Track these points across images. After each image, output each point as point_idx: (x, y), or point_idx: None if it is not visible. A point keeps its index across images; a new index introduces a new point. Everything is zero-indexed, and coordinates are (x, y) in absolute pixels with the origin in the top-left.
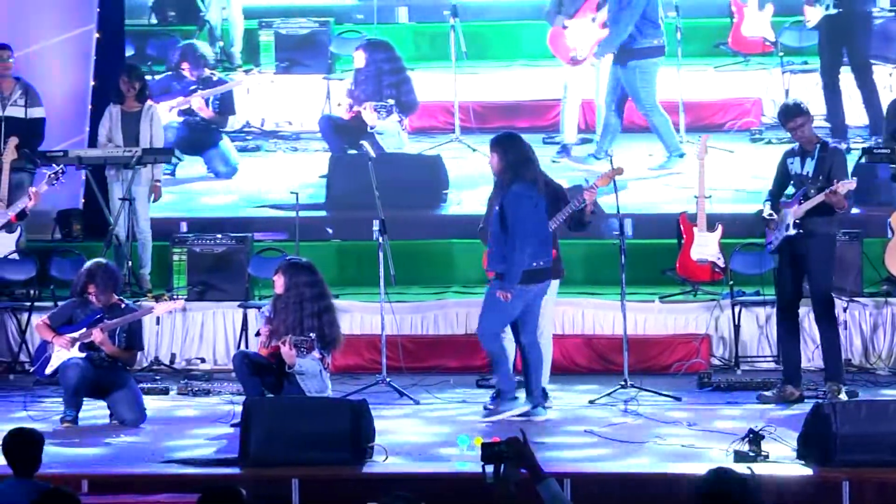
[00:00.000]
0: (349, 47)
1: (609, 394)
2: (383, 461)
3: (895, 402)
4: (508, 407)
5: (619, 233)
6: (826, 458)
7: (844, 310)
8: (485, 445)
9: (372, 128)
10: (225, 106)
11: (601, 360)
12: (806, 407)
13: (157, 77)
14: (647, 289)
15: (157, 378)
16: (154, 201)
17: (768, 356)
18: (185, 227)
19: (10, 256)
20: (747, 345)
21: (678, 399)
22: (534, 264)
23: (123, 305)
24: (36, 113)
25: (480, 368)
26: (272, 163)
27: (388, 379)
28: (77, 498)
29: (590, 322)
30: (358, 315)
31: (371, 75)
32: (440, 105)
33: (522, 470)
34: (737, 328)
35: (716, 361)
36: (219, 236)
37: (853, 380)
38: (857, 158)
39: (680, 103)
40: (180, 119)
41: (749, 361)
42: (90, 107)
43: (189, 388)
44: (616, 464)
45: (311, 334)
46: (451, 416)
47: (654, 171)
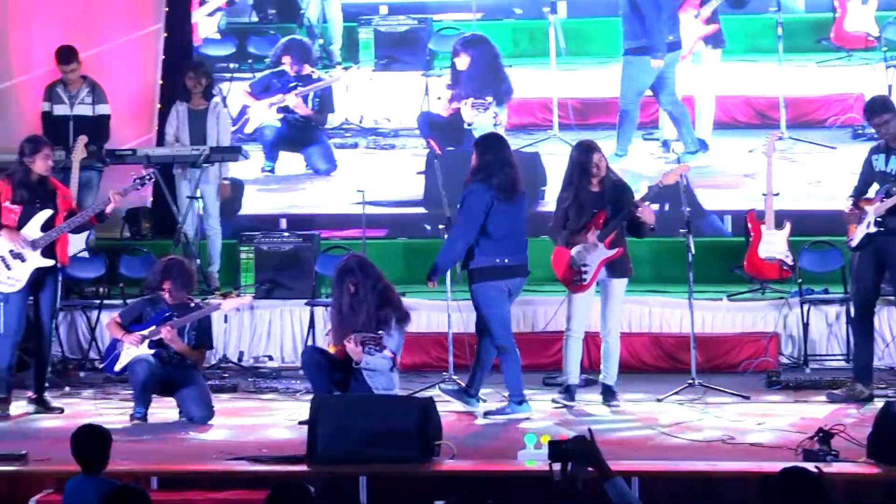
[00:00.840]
0: (448, 44)
1: (676, 392)
2: (450, 459)
3: None
4: (513, 410)
5: (687, 230)
6: None
7: None
8: (552, 444)
9: (469, 124)
10: (324, 103)
11: (668, 358)
12: (876, 406)
13: (258, 75)
14: (715, 287)
15: (226, 375)
16: (222, 200)
17: (837, 354)
18: (284, 223)
19: (80, 255)
20: (816, 343)
21: (746, 398)
22: (496, 261)
23: (192, 303)
24: (102, 110)
25: (547, 366)
26: (370, 160)
27: (454, 377)
28: (147, 494)
29: (657, 320)
30: (425, 313)
31: (471, 72)
32: (539, 101)
33: (590, 468)
34: (805, 326)
35: (784, 360)
36: (286, 234)
37: None
38: None
39: (780, 99)
40: (280, 116)
41: (818, 360)
42: (158, 106)
43: (257, 386)
44: (684, 462)
45: (380, 332)
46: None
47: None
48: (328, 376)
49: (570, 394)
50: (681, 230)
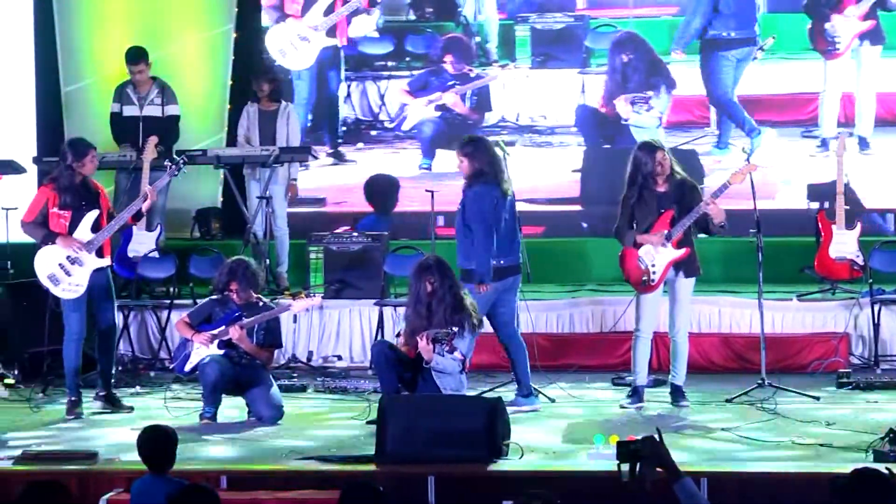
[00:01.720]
0: (604, 41)
1: (746, 392)
2: (519, 459)
3: None
4: (523, 403)
5: (756, 230)
6: None
7: None
8: (620, 444)
9: (625, 120)
10: (481, 101)
11: (738, 358)
12: None
13: (415, 73)
14: (785, 287)
15: (295, 375)
16: (291, 200)
17: None
18: (441, 220)
19: (150, 255)
20: (887, 343)
21: (816, 398)
22: (493, 262)
23: (261, 303)
24: (172, 111)
25: (616, 367)
26: (527, 157)
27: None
28: (216, 494)
29: (727, 320)
30: None
31: (628, 70)
32: (696, 99)
33: (658, 469)
34: (876, 327)
35: (855, 360)
36: (355, 234)
37: None
38: None
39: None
40: (437, 114)
41: (889, 360)
42: (228, 106)
43: (326, 386)
44: (754, 463)
45: (454, 328)
46: (586, 414)
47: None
48: (397, 373)
49: (638, 394)
50: (750, 230)
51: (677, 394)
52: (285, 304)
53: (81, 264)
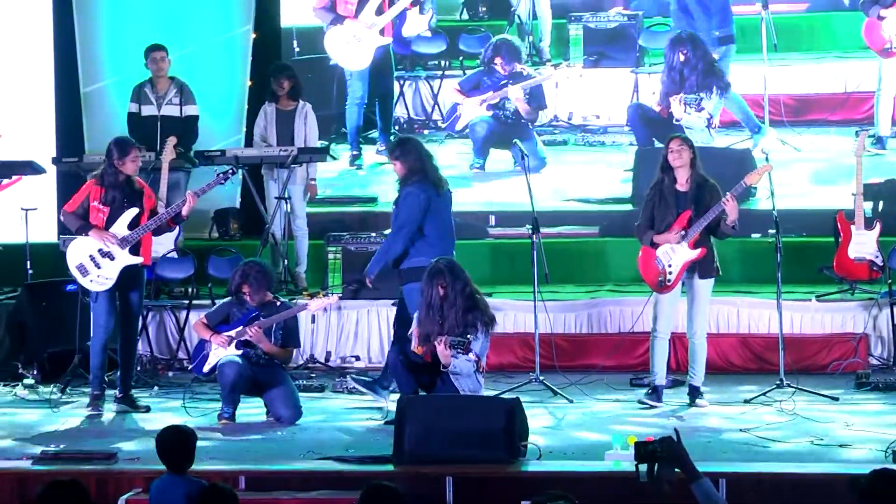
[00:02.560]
0: (658, 41)
1: (765, 393)
2: (537, 460)
3: None
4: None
5: (776, 231)
6: None
7: None
8: (638, 445)
9: (677, 120)
10: (535, 100)
11: (757, 359)
12: None
13: (468, 73)
14: (804, 287)
15: (313, 376)
16: (310, 200)
17: None
18: (493, 220)
19: (168, 255)
20: None
21: (835, 399)
22: (431, 261)
23: (279, 303)
24: (190, 111)
25: (634, 367)
26: (579, 156)
27: (541, 377)
28: (235, 494)
29: (745, 321)
30: (511, 313)
31: (684, 70)
32: (750, 98)
33: (676, 469)
34: (895, 327)
35: (874, 361)
36: (373, 235)
37: None
38: None
39: None
40: (490, 113)
41: None
42: (246, 106)
43: (344, 386)
44: (772, 464)
45: (469, 336)
46: (604, 414)
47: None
48: (414, 376)
49: (656, 394)
50: (769, 230)
51: (695, 394)
52: (302, 304)
53: (113, 258)
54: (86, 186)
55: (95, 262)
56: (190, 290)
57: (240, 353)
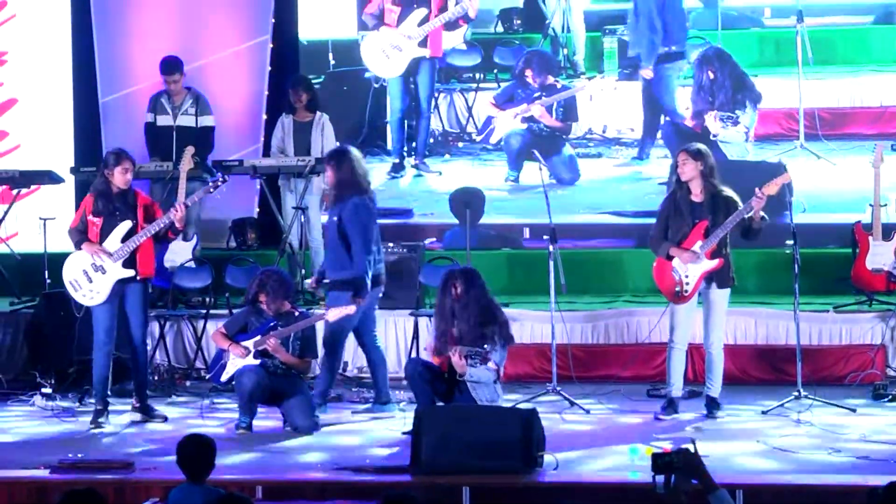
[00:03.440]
0: (695, 54)
1: (782, 404)
2: (553, 470)
3: None
4: (379, 410)
5: (793, 241)
6: None
7: None
8: (655, 456)
9: (714, 136)
10: (568, 113)
11: (774, 370)
12: None
13: (503, 85)
14: (821, 298)
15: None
16: (325, 210)
17: None
18: (527, 232)
19: (186, 265)
20: None
21: (853, 410)
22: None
23: (297, 313)
24: (206, 121)
25: (651, 378)
26: (612, 169)
27: (558, 388)
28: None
29: (763, 332)
30: (528, 324)
31: (716, 85)
32: (784, 111)
33: (693, 481)
34: None
35: (891, 372)
36: (390, 245)
37: None
38: None
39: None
40: (524, 126)
41: None
42: (264, 116)
43: (361, 396)
44: (789, 475)
45: (486, 346)
46: (621, 425)
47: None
48: (432, 387)
49: (673, 405)
50: (787, 241)
51: (713, 405)
52: (320, 313)
53: (104, 272)
54: (84, 200)
55: (88, 277)
56: (207, 299)
57: (258, 362)
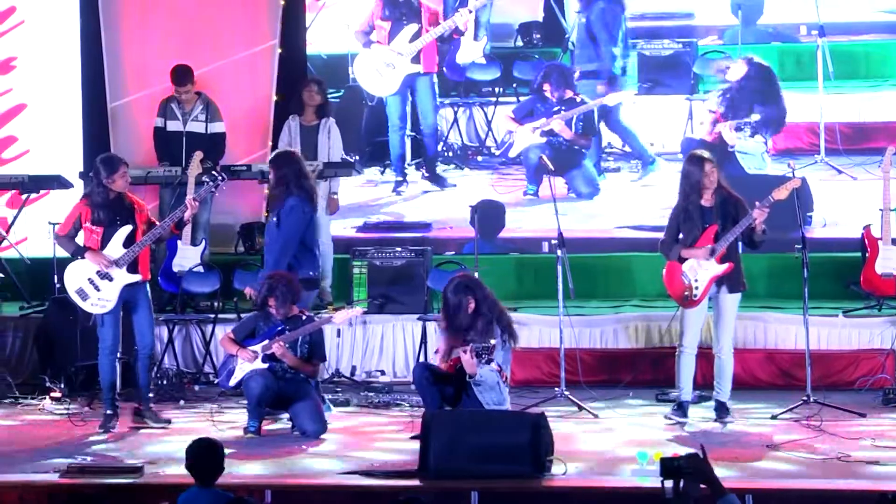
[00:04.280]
0: (713, 68)
1: (791, 409)
2: (562, 475)
3: None
4: None
5: (802, 246)
6: None
7: None
8: (664, 461)
9: (731, 147)
10: (587, 127)
11: (783, 374)
12: None
13: (522, 99)
14: (831, 303)
15: (338, 390)
16: (331, 214)
17: None
18: (546, 246)
19: (194, 269)
20: None
21: (862, 415)
22: (310, 273)
23: (304, 317)
24: (216, 128)
25: (660, 382)
26: (633, 183)
27: (566, 392)
28: None
29: (772, 336)
30: (536, 328)
31: (741, 93)
32: (805, 126)
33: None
34: None
35: None
36: (398, 249)
37: None
38: None
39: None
40: (543, 140)
41: None
42: (273, 121)
43: (369, 400)
44: (799, 480)
45: (492, 340)
46: (629, 430)
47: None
48: (439, 392)
49: (682, 410)
50: (796, 246)
51: (722, 410)
52: (328, 318)
53: (111, 279)
54: (76, 207)
55: (94, 285)
56: (216, 304)
57: (266, 366)
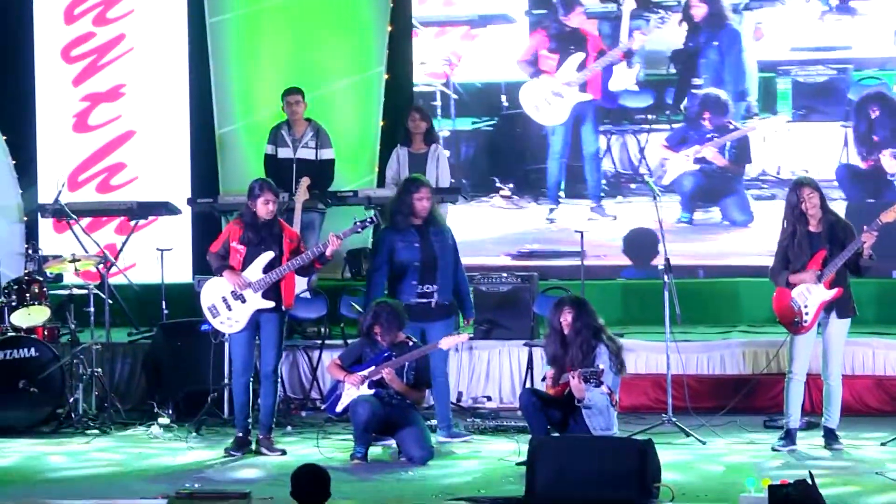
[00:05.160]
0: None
1: None
2: (670, 502)
3: None
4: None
5: None
6: None
7: None
8: (772, 488)
9: (891, 176)
10: (740, 154)
11: (893, 401)
12: None
13: (675, 126)
14: None
15: None
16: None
17: None
18: (702, 273)
19: (302, 295)
20: None
21: None
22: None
23: (411, 343)
24: (326, 154)
25: (768, 409)
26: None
27: (673, 418)
28: None
29: (881, 362)
30: (643, 354)
31: (876, 125)
32: None
33: None
34: None
35: None
36: (504, 275)
37: None
38: None
39: None
40: (696, 167)
41: None
42: (379, 147)
43: (476, 426)
44: None
45: (601, 365)
46: (737, 457)
47: None
48: (546, 417)
49: (791, 437)
50: None
51: (830, 437)
52: (434, 343)
53: (244, 301)
54: (228, 226)
55: (227, 304)
56: (322, 329)
57: (372, 392)
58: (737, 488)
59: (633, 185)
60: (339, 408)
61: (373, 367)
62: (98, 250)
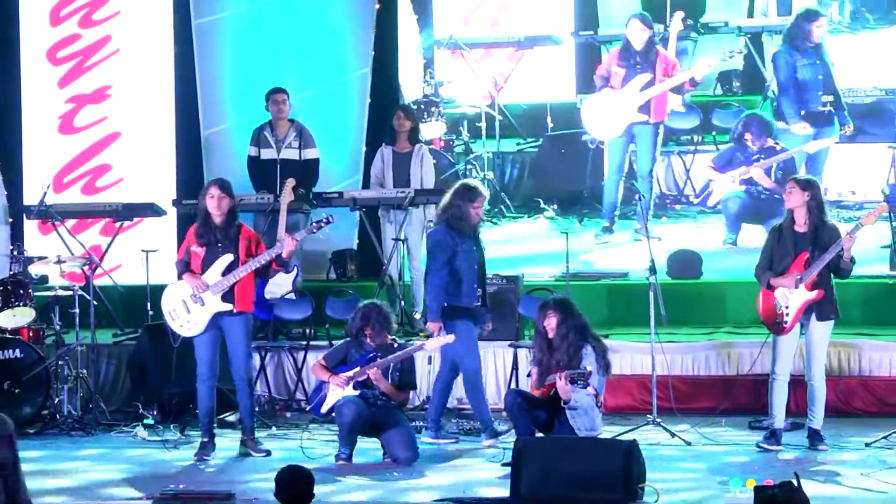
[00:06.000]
0: None
1: (886, 437)
2: (654, 502)
3: None
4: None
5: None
6: None
7: None
8: (758, 489)
9: None
10: (787, 175)
11: (878, 402)
12: None
13: (721, 148)
14: None
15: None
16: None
17: None
18: None
19: (287, 296)
20: None
21: None
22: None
23: (396, 344)
24: (310, 154)
25: (753, 410)
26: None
27: (658, 420)
28: None
29: (866, 363)
30: (628, 355)
31: None
32: None
33: None
34: None
35: None
36: (489, 277)
37: None
38: None
39: None
40: (742, 189)
41: None
42: (364, 148)
43: (460, 427)
44: None
45: (588, 367)
46: (722, 457)
47: None
48: (531, 418)
49: (775, 438)
50: (890, 271)
51: (815, 437)
52: (419, 345)
53: (203, 304)
54: (188, 231)
55: (186, 307)
56: (308, 330)
57: (357, 393)
58: (722, 489)
59: (678, 206)
60: (325, 409)
61: (358, 368)
62: (83, 252)
